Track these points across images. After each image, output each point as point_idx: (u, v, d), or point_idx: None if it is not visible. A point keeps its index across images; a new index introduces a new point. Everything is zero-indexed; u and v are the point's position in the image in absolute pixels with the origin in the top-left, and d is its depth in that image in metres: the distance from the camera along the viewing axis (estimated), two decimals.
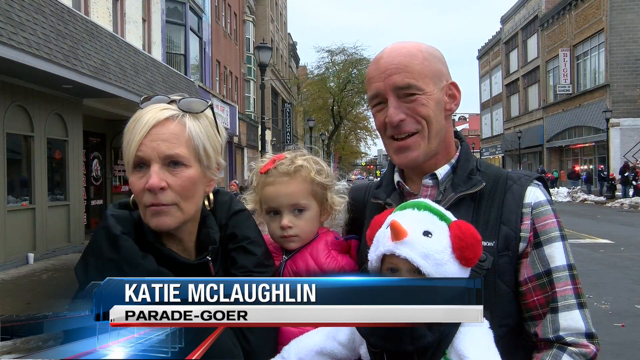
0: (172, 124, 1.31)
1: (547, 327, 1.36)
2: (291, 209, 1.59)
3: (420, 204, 1.31)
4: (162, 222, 1.30)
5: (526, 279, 1.40)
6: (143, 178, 1.29)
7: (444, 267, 1.23)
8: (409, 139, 1.44)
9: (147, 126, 1.29)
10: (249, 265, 1.45)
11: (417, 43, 1.49)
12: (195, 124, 1.34)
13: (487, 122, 64.44)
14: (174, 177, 1.30)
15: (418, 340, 1.21)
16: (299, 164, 1.62)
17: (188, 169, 1.32)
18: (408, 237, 1.23)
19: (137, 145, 1.29)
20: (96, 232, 1.34)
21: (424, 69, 1.42)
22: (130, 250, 1.28)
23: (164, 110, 1.33)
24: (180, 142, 1.31)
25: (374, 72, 1.47)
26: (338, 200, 1.68)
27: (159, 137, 1.29)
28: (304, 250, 1.59)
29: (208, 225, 1.44)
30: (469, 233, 1.25)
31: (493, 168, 1.52)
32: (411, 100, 1.42)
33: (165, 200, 1.29)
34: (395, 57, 1.44)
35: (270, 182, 1.61)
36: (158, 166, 1.28)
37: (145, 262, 1.27)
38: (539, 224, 1.42)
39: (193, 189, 1.34)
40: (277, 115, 45.33)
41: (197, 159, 1.34)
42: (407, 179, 1.55)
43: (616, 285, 8.73)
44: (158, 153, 1.28)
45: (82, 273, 1.30)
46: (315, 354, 1.41)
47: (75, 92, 12.49)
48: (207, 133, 1.36)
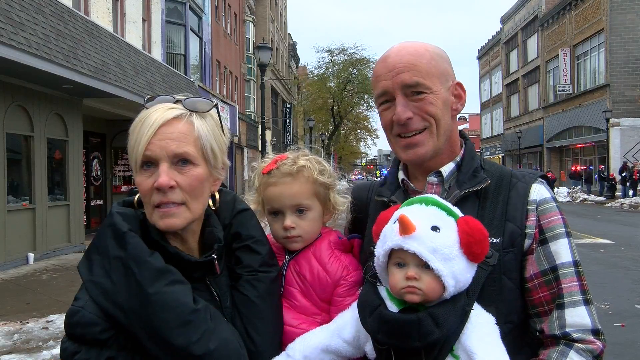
0: (180, 123, 1.31)
1: (553, 324, 1.37)
2: (294, 209, 1.59)
3: (428, 199, 1.31)
4: (171, 223, 1.30)
5: (532, 276, 1.40)
6: (151, 177, 1.28)
7: (452, 262, 1.23)
8: (417, 136, 1.44)
9: (155, 125, 1.29)
10: (255, 265, 1.44)
11: (424, 43, 1.49)
12: (202, 123, 1.34)
13: (487, 122, 64.44)
14: (183, 175, 1.30)
15: (425, 336, 1.21)
16: (301, 164, 1.61)
17: (196, 168, 1.32)
18: (417, 231, 1.23)
19: (145, 144, 1.28)
20: (101, 230, 1.32)
21: (432, 69, 1.42)
22: (138, 247, 1.27)
23: (172, 109, 1.33)
24: (188, 141, 1.31)
25: (382, 70, 1.46)
26: (341, 200, 1.67)
27: (167, 136, 1.29)
28: (307, 250, 1.59)
29: (211, 224, 1.44)
30: (477, 229, 1.26)
31: (497, 166, 1.53)
32: (419, 99, 1.42)
33: (174, 199, 1.29)
34: (403, 55, 1.44)
35: (273, 182, 1.60)
36: (167, 165, 1.28)
37: (153, 259, 1.26)
38: (544, 220, 1.42)
39: (201, 188, 1.34)
40: (277, 115, 45.33)
41: (205, 158, 1.34)
42: (412, 177, 1.55)
43: (616, 285, 8.74)
44: (167, 152, 1.28)
45: (86, 271, 1.29)
46: (320, 352, 1.41)
47: (75, 92, 12.49)
48: (213, 132, 1.36)
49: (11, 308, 7.86)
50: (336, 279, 1.53)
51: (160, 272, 1.25)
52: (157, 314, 1.21)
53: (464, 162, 1.50)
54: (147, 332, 1.22)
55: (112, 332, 1.24)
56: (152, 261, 1.25)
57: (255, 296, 1.41)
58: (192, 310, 1.25)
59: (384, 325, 1.26)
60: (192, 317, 1.24)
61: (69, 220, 13.08)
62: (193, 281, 1.33)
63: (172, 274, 1.27)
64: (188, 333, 1.23)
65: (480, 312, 1.30)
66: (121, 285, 1.24)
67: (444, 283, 1.23)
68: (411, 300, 1.25)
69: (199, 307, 1.26)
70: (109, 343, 1.24)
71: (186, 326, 1.23)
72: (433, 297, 1.25)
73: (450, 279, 1.23)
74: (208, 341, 1.24)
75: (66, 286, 8.80)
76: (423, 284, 1.24)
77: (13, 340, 6.30)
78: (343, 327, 1.41)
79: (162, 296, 1.22)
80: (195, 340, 1.23)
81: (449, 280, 1.23)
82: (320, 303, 1.54)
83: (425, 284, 1.24)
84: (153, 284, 1.23)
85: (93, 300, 1.25)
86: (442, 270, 1.22)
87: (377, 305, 1.30)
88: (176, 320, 1.22)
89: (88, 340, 1.23)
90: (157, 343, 1.22)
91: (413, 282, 1.24)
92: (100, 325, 1.23)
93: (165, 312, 1.22)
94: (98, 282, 1.26)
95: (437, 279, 1.23)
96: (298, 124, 58.52)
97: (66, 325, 1.27)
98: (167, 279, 1.25)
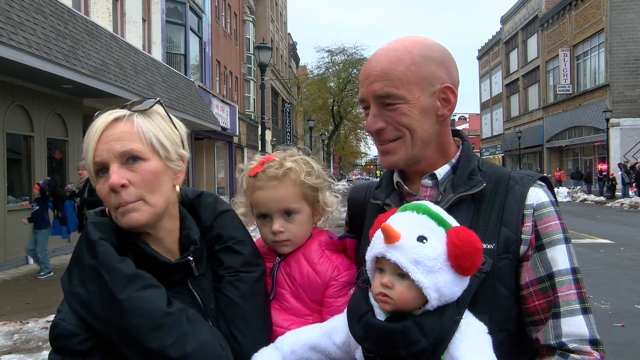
0: (121, 124, 1.33)
1: (548, 333, 1.31)
2: (281, 213, 1.56)
3: (420, 207, 1.27)
4: (131, 219, 1.29)
5: (527, 283, 1.35)
6: (106, 182, 1.29)
7: (436, 275, 1.19)
8: (390, 144, 1.41)
9: (98, 131, 1.31)
10: (236, 265, 1.43)
11: (413, 43, 1.40)
12: (144, 119, 1.35)
13: (487, 122, 64.44)
14: (134, 172, 1.30)
15: (412, 345, 1.18)
16: (287, 166, 1.57)
17: (147, 162, 1.32)
18: (400, 241, 1.20)
19: (93, 151, 1.30)
20: (79, 240, 1.34)
21: (409, 76, 1.34)
22: (108, 254, 1.27)
23: (112, 114, 1.35)
24: (133, 139, 1.31)
25: (361, 77, 1.43)
26: (330, 200, 1.64)
27: (110, 138, 1.31)
28: (297, 252, 1.57)
29: (187, 227, 1.43)
30: (467, 241, 1.20)
31: (495, 168, 1.47)
32: (392, 109, 1.37)
33: (129, 198, 1.29)
34: (379, 63, 1.38)
35: (260, 186, 1.57)
36: (117, 165, 1.29)
37: (122, 266, 1.26)
38: (541, 226, 1.36)
39: (156, 181, 1.33)
40: (277, 115, 45.34)
41: (154, 151, 1.34)
42: (407, 180, 1.51)
43: (616, 285, 8.72)
44: (113, 153, 1.29)
45: (67, 283, 1.30)
46: (308, 349, 1.40)
47: (75, 92, 12.49)
48: (159, 126, 1.36)
49: (11, 308, 7.86)
50: (326, 279, 1.51)
51: (130, 278, 1.25)
52: (129, 320, 1.22)
53: (460, 164, 1.45)
54: (123, 339, 1.23)
55: (92, 342, 1.25)
56: (122, 268, 1.26)
57: (237, 296, 1.40)
58: (165, 314, 1.24)
59: (370, 333, 1.23)
60: (164, 321, 1.23)
61: None
62: (173, 285, 1.33)
63: (143, 279, 1.27)
64: (162, 337, 1.22)
65: (471, 320, 1.26)
66: (95, 293, 1.25)
67: (426, 295, 1.19)
68: (383, 308, 1.24)
69: (172, 310, 1.26)
70: (92, 352, 1.25)
71: (159, 329, 1.23)
72: (405, 307, 1.22)
73: (432, 291, 1.18)
74: (184, 344, 1.24)
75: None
76: (395, 292, 1.21)
77: (13, 340, 6.30)
78: (335, 330, 1.39)
79: (133, 302, 1.23)
80: (170, 343, 1.22)
81: (432, 293, 1.19)
82: (311, 304, 1.52)
83: (396, 293, 1.21)
84: (124, 290, 1.23)
85: (72, 310, 1.26)
86: (423, 282, 1.18)
87: (366, 312, 1.27)
88: (149, 325, 1.22)
89: (70, 351, 1.24)
90: (134, 349, 1.23)
91: (386, 290, 1.21)
92: (79, 336, 1.24)
93: (137, 317, 1.22)
94: (75, 292, 1.27)
95: (412, 290, 1.20)
96: (298, 124, 58.52)
97: (50, 338, 1.28)
98: (138, 284, 1.25)
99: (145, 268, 1.30)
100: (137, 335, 1.22)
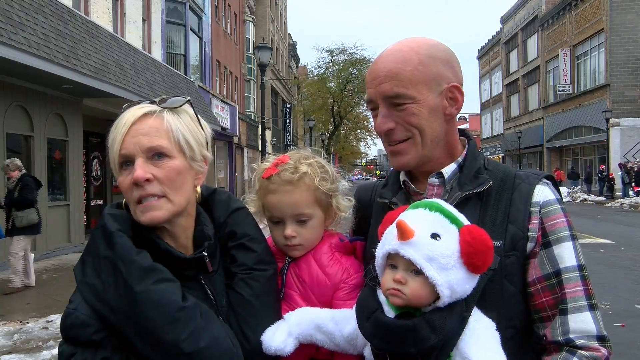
0: (151, 119, 1.33)
1: (556, 330, 1.32)
2: (294, 218, 1.54)
3: (433, 205, 1.28)
4: (152, 215, 1.30)
5: (534, 280, 1.36)
6: (130, 175, 1.30)
7: (449, 272, 1.20)
8: (400, 145, 1.42)
9: (127, 124, 1.32)
10: (250, 263, 1.44)
11: (418, 43, 1.42)
12: (173, 117, 1.35)
13: (487, 122, 64.44)
14: (159, 168, 1.30)
15: (421, 342, 1.19)
16: (302, 170, 1.54)
17: (172, 160, 1.32)
18: (414, 237, 1.20)
19: (119, 144, 1.31)
20: (93, 232, 1.34)
21: (417, 75, 1.36)
22: (125, 246, 1.27)
23: (142, 108, 1.36)
24: (160, 135, 1.32)
25: (368, 77, 1.44)
26: (344, 204, 1.62)
27: (139, 132, 1.31)
28: (307, 253, 1.56)
29: (202, 223, 1.44)
30: (480, 239, 1.21)
31: (501, 167, 1.49)
32: (401, 109, 1.38)
33: (153, 191, 1.29)
34: (387, 63, 1.39)
35: (273, 190, 1.55)
36: (142, 160, 1.29)
37: (140, 258, 1.26)
38: (547, 223, 1.38)
39: (180, 180, 1.33)
40: (277, 115, 45.33)
41: (180, 150, 1.34)
42: (414, 178, 1.52)
43: (616, 285, 8.72)
44: (140, 147, 1.30)
45: (80, 273, 1.30)
46: (314, 327, 1.40)
47: (75, 92, 12.49)
48: (187, 126, 1.37)
49: (11, 308, 7.86)
50: (336, 282, 1.51)
51: (147, 270, 1.25)
52: (144, 312, 1.22)
53: (466, 162, 1.46)
54: (137, 331, 1.23)
55: (105, 333, 1.24)
56: (139, 260, 1.26)
57: (250, 295, 1.40)
58: (180, 308, 1.24)
59: (380, 330, 1.24)
60: (180, 315, 1.24)
61: (69, 220, 13.10)
62: (186, 280, 1.33)
63: (159, 272, 1.27)
64: (177, 330, 1.22)
65: (479, 317, 1.27)
66: (110, 284, 1.24)
67: (439, 292, 1.20)
68: (393, 303, 1.24)
69: (187, 304, 1.26)
70: (104, 343, 1.24)
71: (174, 323, 1.23)
72: (417, 303, 1.22)
73: (445, 288, 1.19)
74: (198, 339, 1.24)
75: (66, 286, 8.78)
76: (408, 288, 1.21)
77: (13, 340, 6.30)
78: (346, 320, 1.39)
79: (149, 294, 1.22)
80: (184, 337, 1.22)
81: (444, 290, 1.19)
82: (320, 306, 1.51)
83: (410, 289, 1.21)
84: (140, 282, 1.23)
85: (85, 301, 1.26)
86: (437, 279, 1.18)
87: (375, 309, 1.28)
88: (164, 318, 1.22)
89: (83, 341, 1.24)
90: (147, 341, 1.22)
91: (398, 286, 1.22)
92: (93, 326, 1.24)
93: (153, 310, 1.22)
94: (89, 282, 1.27)
95: (425, 287, 1.21)
96: (298, 124, 58.52)
97: (61, 328, 1.28)
98: (154, 277, 1.25)
99: (159, 260, 1.30)
100: (152, 328, 1.21)
